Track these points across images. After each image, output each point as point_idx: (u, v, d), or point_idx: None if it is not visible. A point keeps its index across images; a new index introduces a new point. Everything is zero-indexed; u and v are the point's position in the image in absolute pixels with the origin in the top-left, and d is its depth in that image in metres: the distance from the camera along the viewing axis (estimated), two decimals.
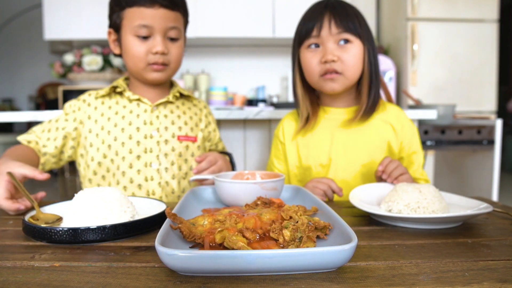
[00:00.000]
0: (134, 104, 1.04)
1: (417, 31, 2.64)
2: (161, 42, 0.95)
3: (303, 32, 1.00)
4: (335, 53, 0.97)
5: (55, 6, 2.71)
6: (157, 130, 1.02)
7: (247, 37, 2.76)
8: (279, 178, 0.75)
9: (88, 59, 2.74)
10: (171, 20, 0.96)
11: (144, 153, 1.00)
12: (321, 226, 0.53)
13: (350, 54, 0.98)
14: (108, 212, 0.61)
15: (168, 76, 1.03)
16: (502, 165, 2.51)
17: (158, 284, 0.42)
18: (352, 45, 0.98)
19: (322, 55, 0.98)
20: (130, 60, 0.99)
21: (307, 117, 1.06)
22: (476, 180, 2.19)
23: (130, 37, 0.96)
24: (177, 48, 1.00)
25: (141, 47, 0.96)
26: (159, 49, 0.95)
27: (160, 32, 0.95)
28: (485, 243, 0.56)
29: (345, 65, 0.98)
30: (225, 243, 0.49)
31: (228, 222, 0.53)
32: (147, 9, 0.93)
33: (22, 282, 0.43)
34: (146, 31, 0.94)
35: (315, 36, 0.98)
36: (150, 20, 0.94)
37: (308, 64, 1.01)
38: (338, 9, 0.98)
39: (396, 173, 0.88)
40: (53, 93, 5.16)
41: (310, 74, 1.02)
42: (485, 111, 2.72)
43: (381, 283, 0.42)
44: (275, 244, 0.49)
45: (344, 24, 0.96)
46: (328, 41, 0.97)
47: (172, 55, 0.99)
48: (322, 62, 0.98)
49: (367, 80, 1.01)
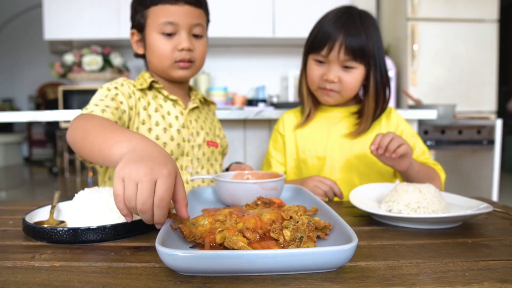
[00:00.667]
0: (170, 105, 1.01)
1: (417, 31, 2.64)
2: (187, 39, 0.95)
3: (315, 45, 1.03)
4: (336, 74, 1.02)
5: (55, 6, 2.71)
6: (192, 134, 1.02)
7: (247, 37, 2.76)
8: (279, 178, 0.75)
9: (88, 59, 2.74)
10: (196, 17, 0.96)
11: (181, 156, 1.00)
12: (322, 226, 0.53)
13: (351, 77, 1.02)
14: (108, 212, 0.61)
15: (193, 74, 1.02)
16: (502, 165, 2.51)
17: (158, 284, 0.42)
18: (355, 69, 1.02)
19: (324, 73, 1.03)
20: (155, 58, 0.97)
21: (308, 114, 1.13)
22: (476, 180, 2.19)
23: (155, 35, 0.95)
24: (201, 45, 1.00)
25: (167, 44, 0.95)
26: (185, 46, 0.94)
27: (185, 29, 0.94)
28: (485, 243, 0.56)
29: (344, 87, 1.03)
30: (225, 243, 0.49)
31: (229, 222, 0.53)
32: (172, 6, 0.93)
33: (22, 282, 0.43)
34: (172, 28, 0.94)
35: (323, 56, 1.02)
36: (176, 16, 0.93)
37: (311, 74, 1.06)
38: (352, 31, 0.99)
39: (394, 145, 0.86)
40: (53, 93, 5.17)
41: (310, 83, 1.09)
42: (485, 111, 2.72)
43: (381, 283, 0.42)
44: (276, 244, 0.49)
45: (353, 52, 0.99)
46: (333, 63, 1.02)
47: (197, 52, 0.98)
48: (323, 78, 1.03)
49: (373, 101, 1.06)
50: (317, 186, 0.94)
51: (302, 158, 1.12)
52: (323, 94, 1.06)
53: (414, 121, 1.81)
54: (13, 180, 4.82)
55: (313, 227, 0.53)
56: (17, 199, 3.74)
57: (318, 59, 1.04)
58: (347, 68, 1.01)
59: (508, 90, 5.49)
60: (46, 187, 4.34)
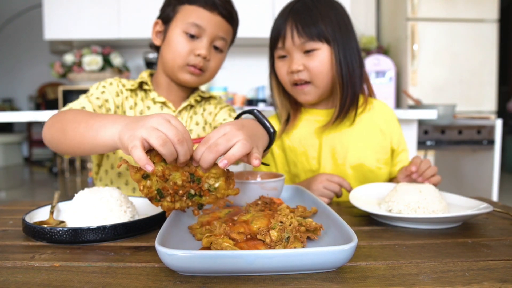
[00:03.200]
0: (158, 107, 1.01)
1: (417, 31, 2.64)
2: (207, 47, 0.94)
3: (272, 42, 0.99)
4: (300, 62, 0.94)
5: (55, 6, 2.71)
6: None
7: (247, 37, 2.76)
8: (279, 178, 0.75)
9: (88, 59, 2.74)
10: (223, 31, 0.96)
11: None
12: (313, 228, 0.53)
13: (316, 61, 0.94)
14: (108, 212, 0.61)
15: (200, 83, 1.01)
16: (502, 165, 2.51)
17: (158, 284, 0.42)
18: (319, 51, 0.94)
19: (289, 65, 0.96)
20: (170, 54, 0.96)
21: (287, 119, 1.05)
22: (476, 180, 2.19)
23: (178, 32, 0.95)
24: (218, 59, 1.00)
25: (186, 44, 0.94)
26: (203, 52, 0.94)
27: (208, 37, 0.94)
28: (485, 243, 0.56)
29: (312, 73, 0.95)
30: (211, 246, 0.48)
31: (218, 230, 0.52)
32: (205, 11, 0.93)
33: (22, 282, 0.43)
34: (197, 31, 0.94)
35: (281, 48, 0.97)
36: (205, 21, 0.93)
37: (279, 73, 1.00)
38: (302, 14, 0.94)
39: (429, 173, 0.86)
40: (53, 93, 5.17)
41: (283, 82, 1.01)
42: (485, 111, 2.72)
43: (381, 283, 0.42)
44: (263, 244, 0.49)
45: (307, 32, 0.93)
46: (293, 51, 0.95)
47: (212, 64, 0.98)
48: (289, 72, 0.97)
49: (339, 83, 0.96)
50: (327, 187, 0.89)
51: (294, 172, 1.05)
52: (298, 92, 0.99)
53: (414, 121, 1.81)
54: (13, 180, 4.82)
55: (303, 228, 0.52)
56: (17, 199, 3.74)
57: (279, 54, 0.98)
58: (309, 52, 0.94)
59: (508, 90, 5.49)
60: (46, 187, 4.34)
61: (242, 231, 0.51)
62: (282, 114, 1.05)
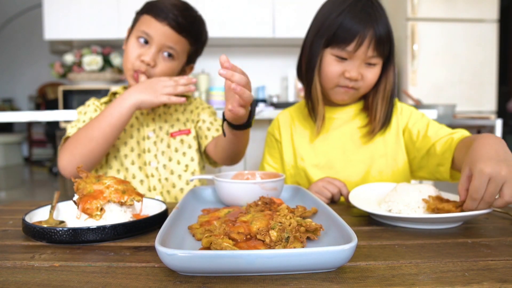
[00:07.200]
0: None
1: (417, 31, 2.64)
2: (152, 54, 1.00)
3: (338, 41, 0.91)
4: (359, 71, 0.93)
5: (55, 6, 2.71)
6: (153, 131, 1.08)
7: (247, 37, 2.76)
8: (279, 178, 0.75)
9: (88, 59, 2.74)
10: (171, 41, 1.01)
11: (143, 152, 1.06)
12: (313, 228, 0.53)
13: (373, 74, 0.95)
14: (108, 212, 0.61)
15: None
16: None
17: (158, 284, 0.42)
18: (377, 66, 0.95)
19: (347, 70, 0.93)
20: (124, 59, 1.05)
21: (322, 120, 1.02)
22: None
23: (133, 39, 1.03)
24: (166, 66, 1.03)
25: (136, 50, 1.01)
26: (146, 59, 0.99)
27: (156, 45, 1.00)
28: (485, 243, 0.56)
29: (365, 84, 0.95)
30: (211, 246, 0.48)
31: (217, 231, 0.52)
32: (156, 21, 0.99)
33: (22, 282, 0.43)
34: (146, 38, 1.01)
35: (347, 51, 0.91)
36: (153, 31, 0.99)
37: (329, 71, 0.95)
38: (380, 26, 0.90)
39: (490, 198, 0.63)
40: (53, 93, 5.17)
41: (327, 81, 0.97)
42: (485, 111, 2.72)
43: (381, 283, 0.42)
44: (262, 244, 0.49)
45: (381, 49, 0.92)
46: (357, 58, 0.92)
47: (158, 69, 1.01)
48: (345, 76, 0.94)
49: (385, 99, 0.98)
50: (325, 187, 0.89)
51: (300, 167, 1.04)
52: (340, 92, 0.96)
53: None
54: (13, 180, 4.82)
55: (303, 228, 0.52)
56: (17, 199, 3.74)
57: (341, 55, 0.92)
58: (370, 64, 0.94)
59: (508, 90, 5.49)
60: (46, 187, 4.34)
61: (241, 231, 0.51)
62: (319, 115, 1.01)
